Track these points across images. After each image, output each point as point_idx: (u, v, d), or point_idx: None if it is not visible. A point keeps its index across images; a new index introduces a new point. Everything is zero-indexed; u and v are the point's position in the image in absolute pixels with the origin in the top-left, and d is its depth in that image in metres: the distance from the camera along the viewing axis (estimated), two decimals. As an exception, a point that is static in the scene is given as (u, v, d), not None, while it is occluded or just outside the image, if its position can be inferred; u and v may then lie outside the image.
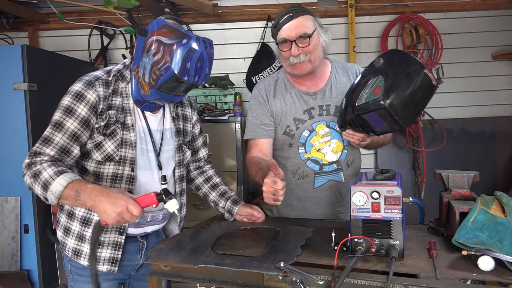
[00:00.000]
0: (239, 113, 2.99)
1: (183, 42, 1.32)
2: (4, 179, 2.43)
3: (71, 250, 1.51)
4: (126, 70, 1.51)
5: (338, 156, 1.82)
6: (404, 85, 1.34)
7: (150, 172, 1.54)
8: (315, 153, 1.81)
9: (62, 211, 1.54)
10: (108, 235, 1.49)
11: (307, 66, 1.72)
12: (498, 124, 3.32)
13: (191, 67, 1.34)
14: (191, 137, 1.74)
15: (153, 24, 1.38)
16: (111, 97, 1.45)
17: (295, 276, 1.16)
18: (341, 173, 1.84)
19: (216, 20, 3.35)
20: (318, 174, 1.83)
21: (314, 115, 1.81)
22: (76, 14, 3.34)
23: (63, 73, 2.72)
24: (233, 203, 1.75)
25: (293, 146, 1.83)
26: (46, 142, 1.37)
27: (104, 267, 1.49)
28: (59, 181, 1.29)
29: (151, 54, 1.35)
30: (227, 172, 2.89)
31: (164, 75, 1.33)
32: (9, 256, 2.42)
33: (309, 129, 1.81)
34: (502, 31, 3.32)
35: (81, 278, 1.53)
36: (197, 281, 1.31)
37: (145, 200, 1.29)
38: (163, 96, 1.41)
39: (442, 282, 1.09)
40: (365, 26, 3.36)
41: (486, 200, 1.36)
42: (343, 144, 1.82)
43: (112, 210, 1.23)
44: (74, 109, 1.39)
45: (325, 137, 1.81)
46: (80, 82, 1.43)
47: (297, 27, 1.68)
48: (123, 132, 1.46)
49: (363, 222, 1.25)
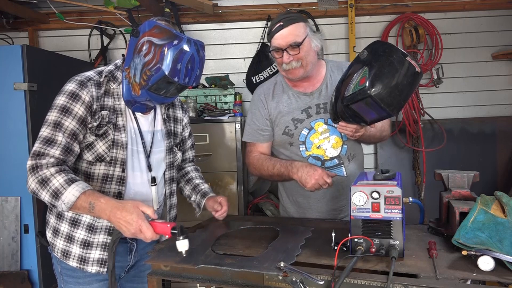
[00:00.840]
0: (239, 113, 2.99)
1: (174, 43, 1.32)
2: (4, 179, 2.43)
3: (60, 251, 1.50)
4: (117, 71, 1.50)
5: (339, 151, 1.87)
6: (388, 73, 1.37)
7: (140, 173, 1.54)
8: (315, 150, 1.86)
9: (51, 212, 1.54)
10: (97, 236, 1.48)
11: (300, 71, 1.79)
12: (498, 124, 3.32)
13: (182, 69, 1.34)
14: (181, 139, 1.74)
15: (145, 25, 1.38)
16: (103, 98, 1.45)
17: (295, 276, 1.16)
18: (343, 168, 1.88)
19: (216, 20, 3.35)
20: None
21: (312, 114, 1.86)
22: (76, 14, 3.34)
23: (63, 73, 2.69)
24: (202, 197, 1.76)
25: (293, 145, 1.88)
26: (50, 143, 1.36)
27: (93, 269, 1.48)
28: (71, 191, 1.28)
29: (142, 54, 1.35)
30: (227, 172, 2.89)
31: (154, 75, 1.33)
32: (9, 256, 2.42)
33: (308, 128, 1.86)
34: (502, 31, 3.32)
35: (71, 279, 1.53)
36: (197, 281, 1.31)
37: (160, 227, 1.30)
38: (153, 97, 1.41)
39: (442, 282, 1.09)
40: (365, 26, 3.36)
41: (486, 200, 1.36)
42: (342, 139, 1.87)
43: (126, 228, 1.27)
44: (71, 108, 1.38)
45: (324, 134, 1.86)
46: (73, 82, 1.42)
47: (288, 36, 1.73)
48: (114, 133, 1.46)
49: (363, 222, 1.25)
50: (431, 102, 3.35)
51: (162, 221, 1.33)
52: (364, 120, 1.53)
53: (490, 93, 3.37)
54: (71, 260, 1.49)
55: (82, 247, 1.48)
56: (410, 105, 3.13)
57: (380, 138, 1.93)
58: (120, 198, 1.47)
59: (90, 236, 1.48)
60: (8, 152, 2.42)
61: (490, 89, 3.37)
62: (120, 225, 1.28)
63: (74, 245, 1.48)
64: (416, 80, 1.42)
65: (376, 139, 1.93)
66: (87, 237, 1.48)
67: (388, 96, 1.37)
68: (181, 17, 3.29)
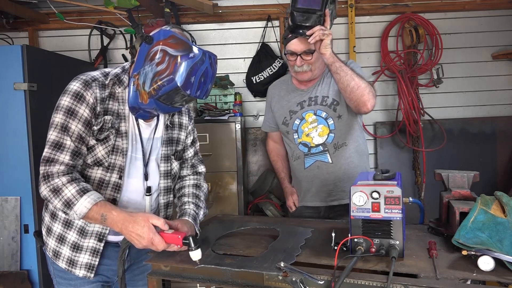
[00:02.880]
0: (239, 113, 2.99)
1: (190, 56, 1.28)
2: (4, 179, 2.43)
3: (51, 250, 1.50)
4: (124, 74, 1.46)
5: (324, 139, 2.07)
6: None
7: (136, 181, 1.52)
8: (304, 138, 2.11)
9: (47, 210, 1.53)
10: (88, 240, 1.47)
11: (308, 74, 2.05)
12: (498, 124, 3.32)
13: (195, 82, 1.30)
14: (182, 146, 1.68)
15: (160, 33, 1.34)
16: (108, 101, 1.42)
17: (295, 276, 1.16)
18: (327, 154, 2.08)
19: (216, 20, 3.35)
20: (307, 155, 2.11)
21: (304, 106, 2.11)
22: (76, 14, 3.34)
23: (63, 73, 2.71)
24: (180, 216, 1.59)
25: (289, 133, 2.16)
26: (58, 147, 1.34)
27: (81, 272, 1.47)
28: (83, 203, 1.29)
29: (154, 63, 1.31)
30: (227, 172, 2.89)
31: (166, 86, 1.29)
32: (9, 256, 2.42)
33: (300, 118, 2.12)
34: (502, 31, 3.32)
35: (62, 281, 1.52)
36: (197, 281, 1.31)
37: (171, 238, 1.31)
38: (161, 106, 1.38)
39: (442, 282, 1.09)
40: (365, 26, 3.36)
41: (486, 200, 1.36)
42: (328, 128, 2.07)
43: (138, 241, 1.30)
44: (76, 110, 1.36)
45: (312, 124, 2.09)
46: (78, 81, 1.39)
47: (304, 43, 1.95)
48: (116, 138, 1.44)
49: (363, 222, 1.26)
50: (431, 102, 3.35)
51: (172, 231, 1.33)
52: (311, 11, 1.79)
53: (490, 93, 3.37)
54: (61, 261, 1.48)
55: (72, 249, 1.47)
56: (410, 105, 3.13)
57: (358, 86, 1.86)
58: (115, 205, 1.45)
59: (80, 239, 1.46)
60: (8, 152, 2.42)
61: (490, 89, 3.37)
62: (132, 238, 1.30)
63: (64, 246, 1.47)
64: None
65: (354, 83, 1.86)
66: (77, 240, 1.46)
67: None
68: (181, 17, 3.29)
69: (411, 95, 3.12)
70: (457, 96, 3.38)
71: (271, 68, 3.17)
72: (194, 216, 1.54)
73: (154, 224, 1.31)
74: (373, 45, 3.36)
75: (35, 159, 2.41)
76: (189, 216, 1.53)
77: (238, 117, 2.91)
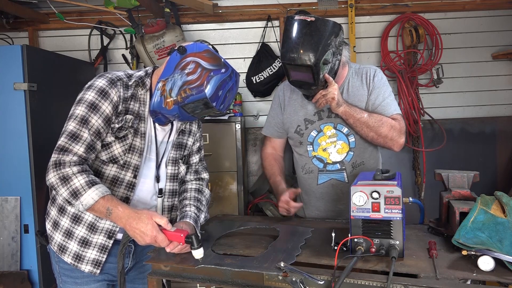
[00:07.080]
0: (239, 113, 2.99)
1: (222, 71, 1.38)
2: (4, 179, 2.42)
3: (57, 244, 1.50)
4: (147, 78, 1.52)
5: (343, 157, 1.89)
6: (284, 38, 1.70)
7: (148, 181, 1.55)
8: (321, 152, 1.91)
9: (53, 204, 1.53)
10: (97, 236, 1.48)
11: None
12: (498, 124, 3.32)
13: (221, 96, 1.39)
14: (188, 152, 1.71)
15: (193, 46, 1.42)
16: (130, 101, 1.46)
17: (295, 276, 1.16)
18: (344, 173, 1.89)
19: (216, 20, 3.35)
20: (321, 171, 1.91)
21: (323, 117, 1.90)
22: (76, 14, 3.34)
23: (63, 73, 2.71)
24: (180, 218, 1.59)
25: (302, 144, 1.94)
26: (75, 138, 1.36)
27: (87, 268, 1.48)
28: (90, 194, 1.30)
29: (185, 72, 1.37)
30: (227, 172, 2.89)
31: (194, 95, 1.36)
32: (9, 256, 2.42)
33: (317, 130, 1.91)
34: (502, 31, 3.32)
35: (69, 279, 1.53)
36: (197, 281, 1.31)
37: (173, 237, 1.33)
38: (182, 114, 1.43)
39: (442, 282, 1.10)
40: (365, 26, 3.36)
41: (486, 200, 1.36)
42: (349, 146, 1.88)
43: (141, 238, 1.32)
44: (99, 105, 1.39)
45: (331, 138, 1.90)
46: (103, 78, 1.43)
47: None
48: (133, 138, 1.47)
49: (363, 222, 1.26)
50: (431, 102, 3.35)
51: (175, 228, 1.35)
52: (308, 84, 1.70)
53: (490, 93, 3.37)
54: (67, 256, 1.49)
55: (80, 244, 1.48)
56: (410, 105, 3.13)
57: (378, 134, 1.81)
58: (127, 203, 1.48)
59: (89, 235, 1.47)
60: (8, 152, 2.41)
61: (490, 89, 3.37)
62: (135, 235, 1.32)
63: (72, 241, 1.48)
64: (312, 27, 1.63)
65: (373, 133, 1.81)
66: (86, 236, 1.47)
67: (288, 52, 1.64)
68: (181, 17, 3.29)
69: (411, 95, 3.12)
70: (457, 96, 3.38)
71: (271, 68, 3.17)
72: (195, 219, 1.55)
73: (157, 222, 1.32)
74: (373, 45, 3.36)
75: (35, 159, 2.41)
76: (190, 218, 1.53)
77: (238, 117, 2.91)
